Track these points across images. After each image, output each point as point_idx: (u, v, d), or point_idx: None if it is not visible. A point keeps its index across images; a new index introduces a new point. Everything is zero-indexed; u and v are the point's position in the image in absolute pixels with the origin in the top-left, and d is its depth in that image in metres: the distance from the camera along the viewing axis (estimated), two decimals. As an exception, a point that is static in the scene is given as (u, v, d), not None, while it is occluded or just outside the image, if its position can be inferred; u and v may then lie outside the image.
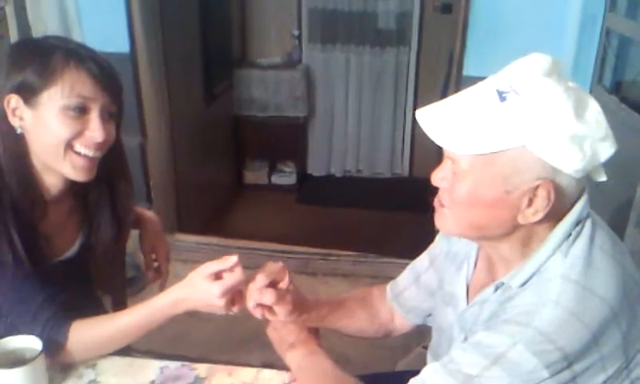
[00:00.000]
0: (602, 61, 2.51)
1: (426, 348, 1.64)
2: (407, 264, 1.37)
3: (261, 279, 1.16)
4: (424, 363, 1.30)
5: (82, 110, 1.16)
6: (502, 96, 0.90)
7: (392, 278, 1.39)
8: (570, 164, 0.89)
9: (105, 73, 1.17)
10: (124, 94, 1.25)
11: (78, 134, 1.17)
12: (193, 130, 3.79)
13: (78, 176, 1.20)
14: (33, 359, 1.10)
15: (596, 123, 0.89)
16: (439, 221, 1.03)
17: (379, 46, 4.69)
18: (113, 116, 1.22)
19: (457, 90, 2.68)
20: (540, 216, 0.92)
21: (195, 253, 3.19)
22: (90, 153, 1.19)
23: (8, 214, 1.16)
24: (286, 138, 4.73)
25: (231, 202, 4.53)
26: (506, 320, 0.92)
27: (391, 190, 4.81)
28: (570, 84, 0.91)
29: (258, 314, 1.18)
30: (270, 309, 1.18)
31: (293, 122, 4.72)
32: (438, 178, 1.00)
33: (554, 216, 0.94)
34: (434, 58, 4.48)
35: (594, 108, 0.90)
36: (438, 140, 0.94)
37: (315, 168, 5.06)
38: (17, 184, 1.18)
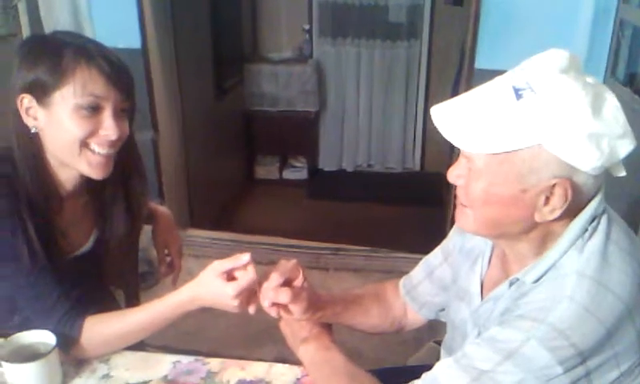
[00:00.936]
0: (615, 53, 2.48)
1: (437, 343, 1.64)
2: (419, 259, 1.37)
3: (275, 278, 1.16)
4: (435, 358, 1.30)
5: (94, 109, 1.16)
6: (518, 94, 0.88)
7: (403, 272, 1.39)
8: (588, 162, 0.87)
9: (116, 69, 1.17)
10: (135, 89, 1.25)
11: (92, 133, 1.17)
12: (204, 125, 3.80)
13: (94, 173, 1.21)
14: (47, 354, 1.11)
15: (614, 120, 0.88)
16: (461, 220, 1.02)
17: (390, 40, 4.68)
18: (126, 112, 1.22)
19: (469, 83, 2.70)
20: (557, 214, 0.91)
21: (207, 248, 3.20)
22: (105, 151, 1.19)
23: (24, 210, 1.16)
24: (297, 133, 4.73)
25: (242, 197, 4.54)
26: (520, 315, 0.91)
27: (402, 185, 4.81)
28: (589, 79, 0.90)
29: (273, 312, 1.18)
30: (285, 307, 1.18)
31: (304, 117, 4.72)
32: (453, 175, 0.99)
33: (570, 213, 0.93)
34: (445, 51, 4.47)
35: (612, 104, 0.89)
36: (452, 139, 0.93)
37: (326, 163, 5.06)
38: (31, 180, 1.18)
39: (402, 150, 5.00)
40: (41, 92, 1.14)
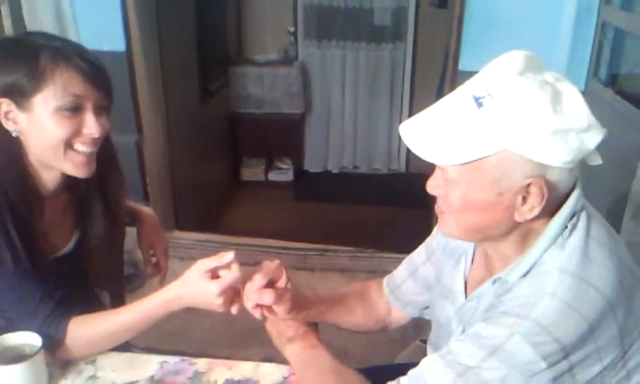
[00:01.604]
0: (597, 54, 2.52)
1: (423, 341, 1.65)
2: (402, 259, 1.37)
3: (259, 279, 1.16)
4: (422, 356, 1.30)
5: (75, 109, 1.16)
6: (478, 102, 0.90)
7: (388, 272, 1.40)
8: (558, 158, 0.88)
9: (94, 68, 1.17)
10: (120, 92, 1.25)
11: (75, 133, 1.17)
12: (189, 127, 3.79)
13: (80, 172, 1.21)
14: (32, 355, 1.10)
15: (577, 114, 0.89)
16: (443, 226, 1.04)
17: (375, 42, 4.70)
18: (104, 109, 1.22)
19: (453, 85, 2.72)
20: (536, 212, 0.92)
21: (192, 250, 3.19)
22: (89, 149, 1.20)
23: (5, 212, 1.15)
24: (283, 135, 4.72)
25: (228, 199, 4.53)
26: (504, 312, 0.93)
27: (388, 186, 4.82)
28: (547, 77, 0.91)
29: (257, 314, 1.19)
30: (269, 308, 1.18)
31: (289, 119, 4.72)
32: (432, 186, 1.01)
33: (549, 209, 0.94)
34: (430, 54, 4.49)
35: (573, 99, 0.90)
36: (421, 154, 0.94)
37: (312, 164, 5.06)
38: (12, 184, 1.18)
39: (388, 152, 5.01)
40: (20, 96, 1.14)
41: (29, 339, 1.14)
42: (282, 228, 3.78)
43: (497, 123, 0.88)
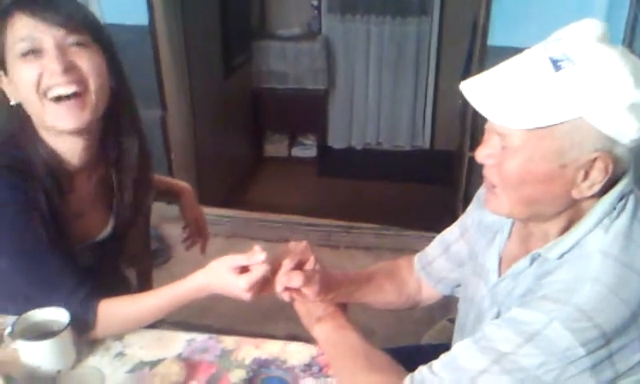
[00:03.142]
0: (632, 27, 2.44)
1: (450, 321, 1.63)
2: (429, 237, 1.36)
3: (287, 263, 1.15)
4: (448, 336, 1.29)
5: (35, 51, 1.12)
6: (556, 65, 0.86)
7: (414, 250, 1.38)
8: (628, 134, 0.85)
9: (49, 6, 1.13)
10: (144, 66, 1.23)
11: (42, 75, 1.13)
12: (212, 102, 3.78)
13: (66, 123, 1.16)
14: (60, 332, 1.10)
15: None
16: (492, 203, 0.99)
17: (400, 16, 4.61)
18: (84, 45, 1.15)
19: (481, 60, 2.66)
20: (596, 189, 0.89)
21: (216, 226, 3.18)
22: (62, 89, 1.13)
23: (40, 196, 1.15)
24: (306, 111, 4.68)
25: (251, 174, 4.53)
26: (543, 296, 0.90)
27: (412, 163, 4.78)
28: (623, 49, 0.87)
29: (286, 297, 1.18)
30: (298, 291, 1.17)
31: (313, 94, 4.68)
32: (483, 155, 0.96)
33: (602, 188, 0.90)
34: (457, 28, 4.39)
35: None
36: (488, 114, 0.90)
37: (335, 140, 5.02)
38: (35, 155, 1.17)
39: (412, 128, 4.95)
40: (1, 61, 1.15)
41: (56, 315, 1.14)
42: (305, 204, 3.77)
43: (576, 89, 0.84)
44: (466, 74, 0.93)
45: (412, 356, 1.04)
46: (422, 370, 0.97)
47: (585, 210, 0.93)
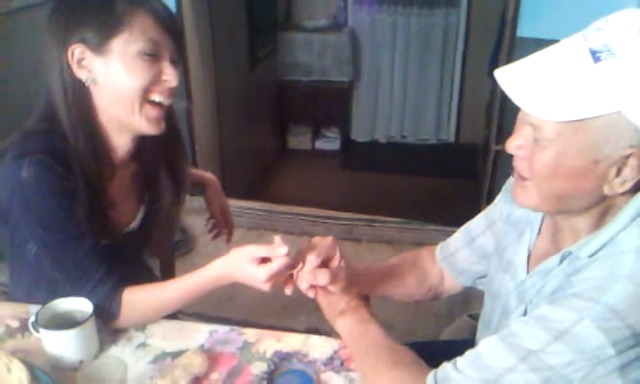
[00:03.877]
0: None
1: (471, 316, 1.61)
2: (451, 231, 1.34)
3: (313, 260, 1.13)
4: (469, 332, 1.26)
5: (154, 55, 1.13)
6: (595, 56, 0.83)
7: (436, 244, 1.37)
8: None
9: (169, 15, 1.15)
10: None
11: (154, 80, 1.14)
12: (237, 94, 3.78)
13: (152, 128, 1.18)
14: (84, 321, 1.11)
15: None
16: (521, 196, 0.97)
17: (427, 8, 4.56)
18: (176, 64, 1.19)
19: (509, 53, 2.61)
20: (628, 186, 0.86)
21: (239, 217, 3.20)
22: (165, 100, 1.17)
23: (80, 185, 1.14)
24: (331, 103, 4.67)
25: (275, 167, 4.53)
26: (574, 294, 0.87)
27: (437, 156, 4.74)
28: None
29: (311, 294, 1.16)
30: (323, 288, 1.16)
31: (337, 87, 4.65)
32: (514, 146, 0.94)
33: (635, 186, 0.88)
34: (484, 20, 4.33)
35: None
36: (522, 104, 0.87)
37: (359, 133, 5.00)
38: (85, 144, 1.15)
39: (437, 121, 4.90)
40: (96, 39, 1.10)
41: (79, 305, 1.15)
42: (329, 197, 3.76)
43: (615, 83, 0.82)
44: (493, 65, 0.91)
45: (432, 352, 1.03)
46: (446, 366, 0.96)
47: (615, 207, 0.91)
